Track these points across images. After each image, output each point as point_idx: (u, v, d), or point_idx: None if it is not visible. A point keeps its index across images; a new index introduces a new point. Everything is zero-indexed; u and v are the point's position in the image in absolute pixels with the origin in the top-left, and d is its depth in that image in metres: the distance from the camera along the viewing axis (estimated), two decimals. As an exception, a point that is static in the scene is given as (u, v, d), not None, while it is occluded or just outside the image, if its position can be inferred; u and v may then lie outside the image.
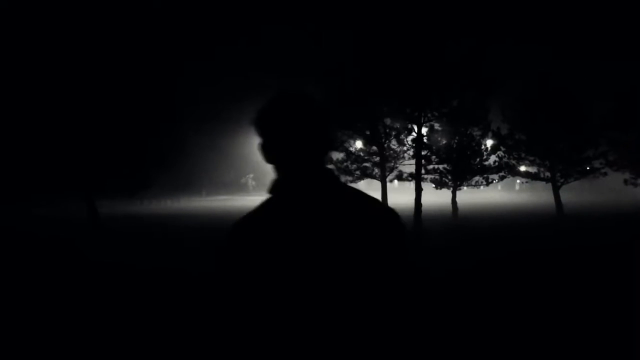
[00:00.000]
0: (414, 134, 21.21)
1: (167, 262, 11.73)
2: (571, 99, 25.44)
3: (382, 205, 1.49)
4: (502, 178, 25.56)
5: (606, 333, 5.61)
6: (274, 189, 1.46)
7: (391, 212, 1.50)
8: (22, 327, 6.22)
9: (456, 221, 23.56)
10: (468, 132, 22.28)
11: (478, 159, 23.11)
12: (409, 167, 22.74)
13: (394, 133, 22.50)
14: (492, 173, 24.24)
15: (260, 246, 1.39)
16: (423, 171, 21.76)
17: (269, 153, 1.46)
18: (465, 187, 24.97)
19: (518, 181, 34.79)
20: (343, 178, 24.43)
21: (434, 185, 23.63)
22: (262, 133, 1.45)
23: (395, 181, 24.10)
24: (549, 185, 27.22)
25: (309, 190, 1.43)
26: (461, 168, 22.79)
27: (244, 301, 1.41)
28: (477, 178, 24.04)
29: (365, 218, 1.43)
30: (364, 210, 1.45)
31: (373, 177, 24.08)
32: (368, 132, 22.77)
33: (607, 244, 14.07)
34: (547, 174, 26.98)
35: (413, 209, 20.43)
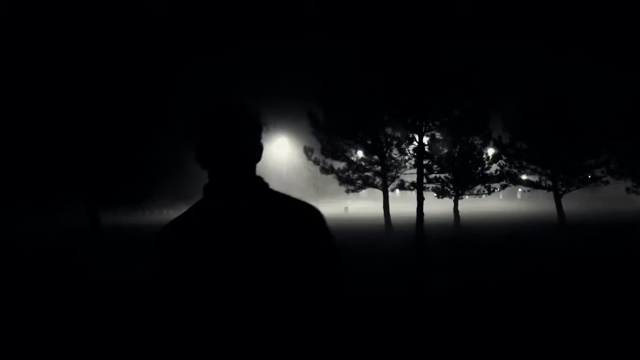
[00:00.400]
0: (415, 143, 21.20)
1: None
2: (571, 107, 25.47)
3: (307, 206, 1.58)
4: (503, 187, 25.51)
5: (611, 343, 5.58)
6: (206, 191, 1.57)
7: (313, 210, 1.58)
8: (22, 338, 6.20)
9: (458, 230, 23.51)
10: (469, 141, 22.25)
11: (480, 168, 23.07)
12: (410, 176, 22.72)
13: (395, 142, 22.50)
14: (493, 182, 24.19)
15: (185, 246, 1.49)
16: (425, 180, 21.72)
17: (201, 159, 1.56)
18: (467, 196, 24.92)
19: (520, 190, 34.76)
20: (345, 187, 24.44)
21: (435, 195, 23.57)
22: (196, 140, 1.56)
23: (397, 190, 24.07)
24: (551, 193, 27.18)
25: (235, 194, 1.53)
26: (463, 177, 22.75)
27: (170, 299, 1.50)
28: (478, 187, 23.98)
29: (289, 219, 1.52)
30: (287, 213, 1.54)
31: (375, 186, 24.06)
32: (369, 142, 22.78)
33: (610, 252, 14.03)
34: (549, 182, 26.95)
35: (415, 218, 20.40)
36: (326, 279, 1.55)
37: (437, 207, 31.55)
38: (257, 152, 1.60)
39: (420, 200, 20.58)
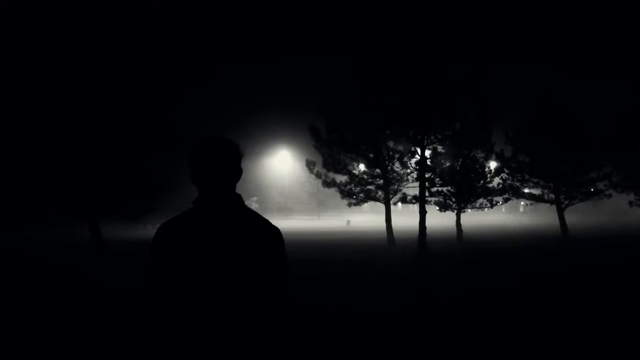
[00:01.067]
0: (417, 156, 21.19)
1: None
2: (573, 120, 25.48)
3: (270, 224, 2.07)
4: (506, 200, 25.45)
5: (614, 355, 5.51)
6: (194, 203, 2.06)
7: (275, 230, 2.08)
8: (24, 351, 6.16)
9: (461, 244, 23.41)
10: (471, 154, 22.24)
11: (482, 181, 23.04)
12: (412, 189, 22.67)
13: (397, 156, 22.48)
14: (496, 195, 24.13)
15: (175, 244, 1.97)
16: (427, 194, 21.68)
17: (193, 178, 2.06)
18: (469, 210, 24.84)
19: (522, 203, 34.70)
20: (347, 201, 24.39)
21: (438, 208, 23.52)
22: (190, 164, 2.07)
23: (399, 204, 24.00)
24: (554, 207, 27.08)
25: (217, 207, 2.02)
26: (465, 190, 22.70)
27: (161, 282, 1.96)
28: (481, 200, 23.92)
29: (256, 233, 2.01)
30: (255, 227, 2.03)
31: (377, 199, 24.00)
32: (371, 155, 22.76)
33: (615, 266, 13.93)
34: (552, 195, 26.86)
35: (417, 232, 20.33)
36: (276, 284, 2.00)
37: (440, 220, 31.45)
38: (237, 175, 2.10)
39: (423, 213, 20.52)
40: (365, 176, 23.83)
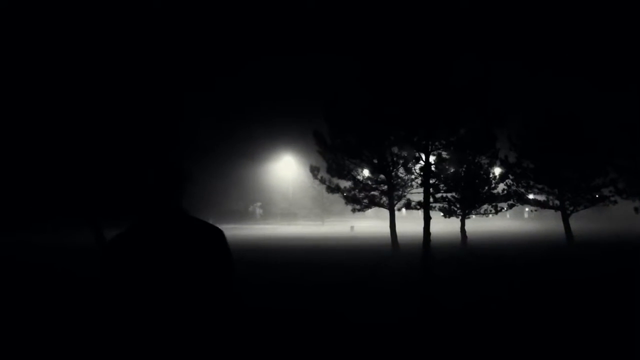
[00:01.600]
0: (421, 162, 21.15)
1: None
2: (578, 126, 25.39)
3: (212, 226, 2.30)
4: (510, 206, 25.36)
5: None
6: (142, 217, 2.27)
7: (217, 230, 2.30)
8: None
9: (465, 250, 23.33)
10: (476, 160, 22.20)
11: (486, 188, 22.97)
12: (417, 195, 22.63)
13: (401, 161, 22.46)
14: (500, 201, 24.06)
15: (123, 254, 2.17)
16: (431, 199, 21.62)
17: (140, 195, 2.29)
18: (474, 216, 24.75)
19: (527, 209, 34.62)
20: (351, 206, 24.37)
21: (442, 214, 23.45)
22: (137, 185, 2.32)
23: (404, 209, 23.94)
24: (559, 213, 26.97)
25: (161, 219, 2.25)
26: (469, 196, 22.64)
27: (113, 290, 2.15)
28: (485, 206, 23.87)
29: (200, 236, 2.23)
30: (199, 231, 2.25)
31: (381, 205, 23.96)
32: (375, 161, 22.75)
33: (619, 273, 13.85)
34: (556, 202, 26.75)
35: (422, 238, 20.27)
36: (222, 279, 2.23)
37: (444, 226, 31.39)
38: (182, 191, 2.31)
39: (427, 219, 20.45)
40: (369, 182, 23.82)
